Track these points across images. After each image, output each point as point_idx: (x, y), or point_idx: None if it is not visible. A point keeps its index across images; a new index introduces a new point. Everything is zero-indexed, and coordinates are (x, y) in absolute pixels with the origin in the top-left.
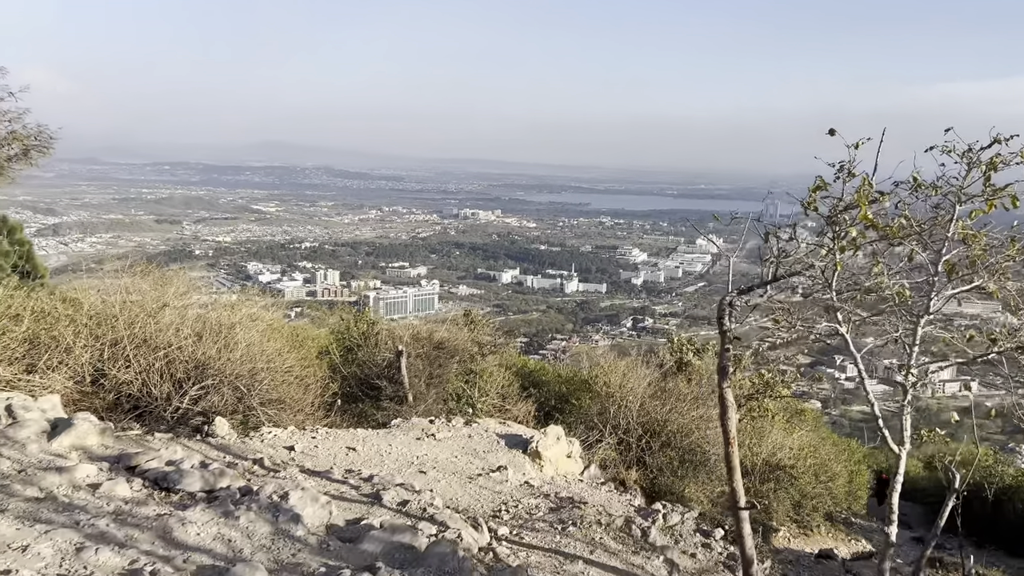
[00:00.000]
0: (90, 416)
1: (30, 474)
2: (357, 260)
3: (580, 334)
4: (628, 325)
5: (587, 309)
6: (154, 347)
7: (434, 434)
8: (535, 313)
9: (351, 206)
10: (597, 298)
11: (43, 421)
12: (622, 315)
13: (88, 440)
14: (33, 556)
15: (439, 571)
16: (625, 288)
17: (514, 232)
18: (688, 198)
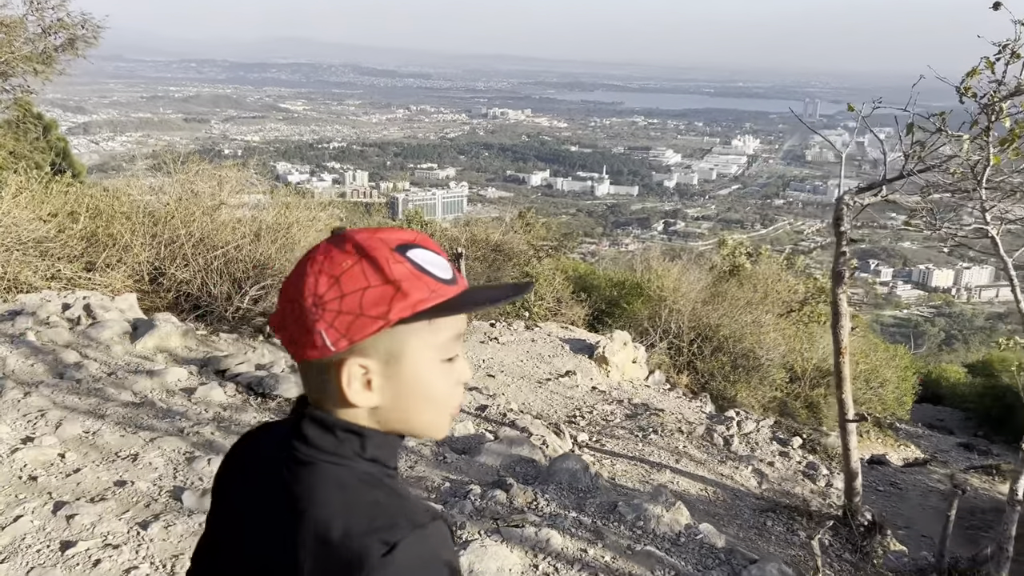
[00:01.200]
0: (171, 317)
1: (120, 377)
2: (386, 161)
3: (610, 237)
4: (659, 228)
5: (617, 212)
6: (211, 246)
7: (497, 338)
8: (564, 216)
9: (378, 105)
10: (628, 201)
11: (123, 322)
12: (653, 218)
13: (171, 342)
14: (145, 466)
15: (571, 488)
16: (657, 191)
17: (544, 132)
18: (725, 96)
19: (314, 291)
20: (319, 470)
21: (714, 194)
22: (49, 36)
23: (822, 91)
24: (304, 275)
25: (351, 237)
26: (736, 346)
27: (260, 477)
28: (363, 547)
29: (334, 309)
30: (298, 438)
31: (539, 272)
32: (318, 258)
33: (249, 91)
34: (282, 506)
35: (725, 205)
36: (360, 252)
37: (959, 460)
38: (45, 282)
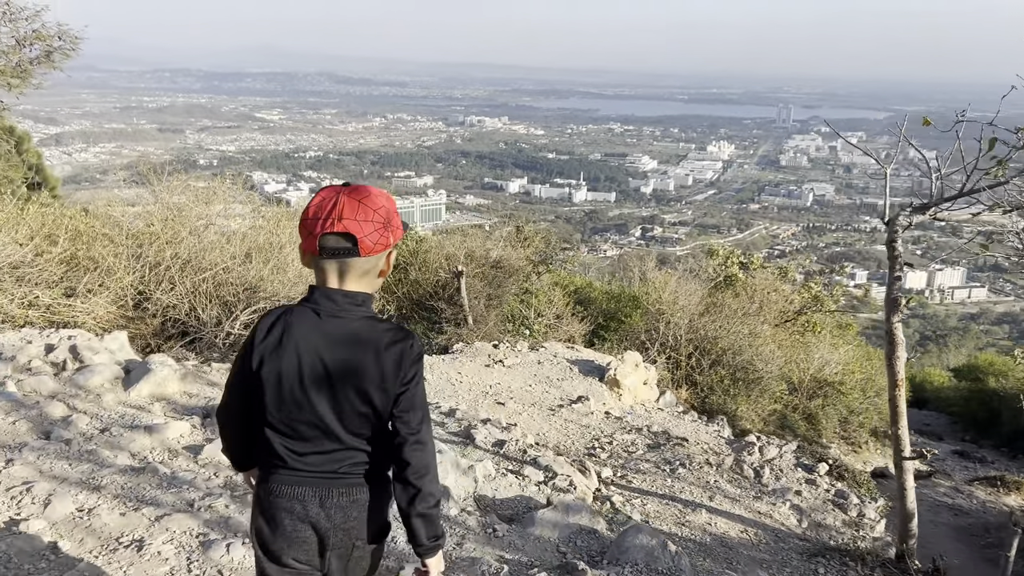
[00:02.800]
0: (167, 359)
1: (115, 435)
2: (363, 169)
3: (588, 244)
4: (637, 234)
5: (595, 219)
6: (199, 268)
7: (502, 360)
8: (543, 223)
9: (355, 114)
10: (606, 207)
11: (114, 365)
12: (631, 224)
13: (168, 387)
14: (153, 557)
15: (650, 569)
16: (634, 197)
17: (521, 140)
18: (699, 103)
19: (384, 214)
20: (367, 317)
21: (690, 199)
22: (24, 48)
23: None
24: (376, 205)
25: (374, 190)
26: (735, 359)
27: (323, 333)
28: (406, 333)
29: (393, 224)
30: (349, 304)
31: (538, 289)
32: (373, 196)
33: (224, 100)
34: (358, 337)
35: (701, 210)
36: (385, 198)
37: (957, 469)
38: (22, 310)
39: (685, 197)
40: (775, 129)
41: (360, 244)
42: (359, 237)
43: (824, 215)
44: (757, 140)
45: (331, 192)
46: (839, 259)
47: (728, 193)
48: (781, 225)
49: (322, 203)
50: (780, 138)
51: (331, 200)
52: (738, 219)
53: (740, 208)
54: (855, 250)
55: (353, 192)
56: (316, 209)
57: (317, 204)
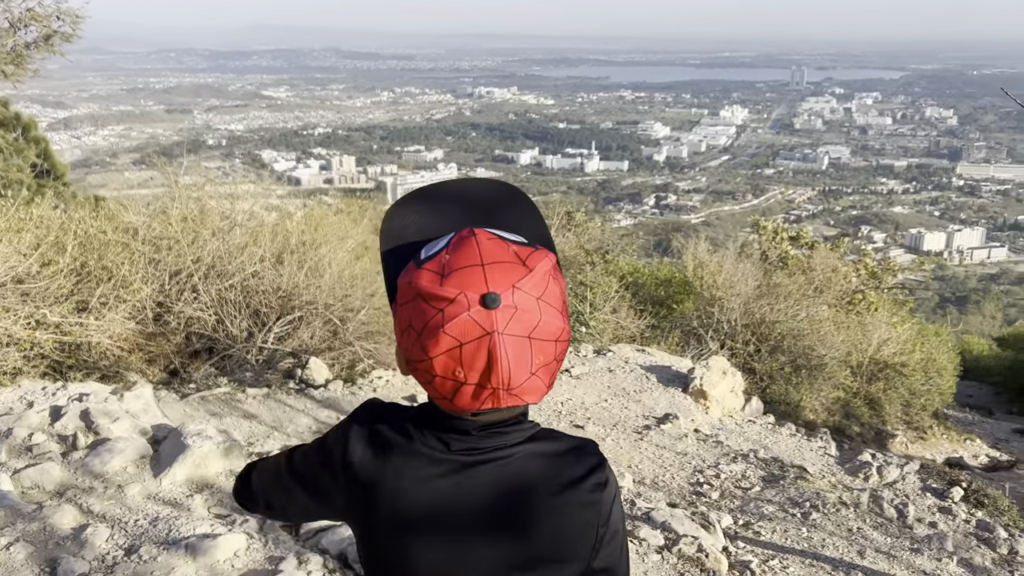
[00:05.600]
0: (205, 427)
1: (146, 560)
2: (372, 145)
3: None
4: (651, 203)
5: (608, 188)
6: (225, 274)
7: (568, 370)
8: (555, 194)
9: (362, 88)
10: (618, 176)
11: (138, 436)
12: (644, 193)
13: (210, 467)
14: None
15: None
16: (647, 165)
17: (531, 110)
18: (711, 67)
19: (564, 341)
20: (525, 441)
21: (704, 166)
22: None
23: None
24: (553, 331)
25: (537, 273)
26: (795, 344)
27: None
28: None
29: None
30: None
31: (594, 281)
32: (546, 318)
33: (231, 79)
34: (517, 481)
35: (715, 177)
36: (557, 297)
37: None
38: (28, 331)
39: (699, 164)
40: (789, 92)
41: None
42: (534, 402)
43: (840, 178)
44: (771, 103)
45: (477, 320)
46: (856, 223)
47: (742, 158)
48: (796, 189)
49: (466, 349)
50: (794, 101)
51: (479, 338)
52: (753, 184)
53: (755, 173)
54: (872, 213)
55: (515, 317)
56: (453, 358)
57: (454, 344)
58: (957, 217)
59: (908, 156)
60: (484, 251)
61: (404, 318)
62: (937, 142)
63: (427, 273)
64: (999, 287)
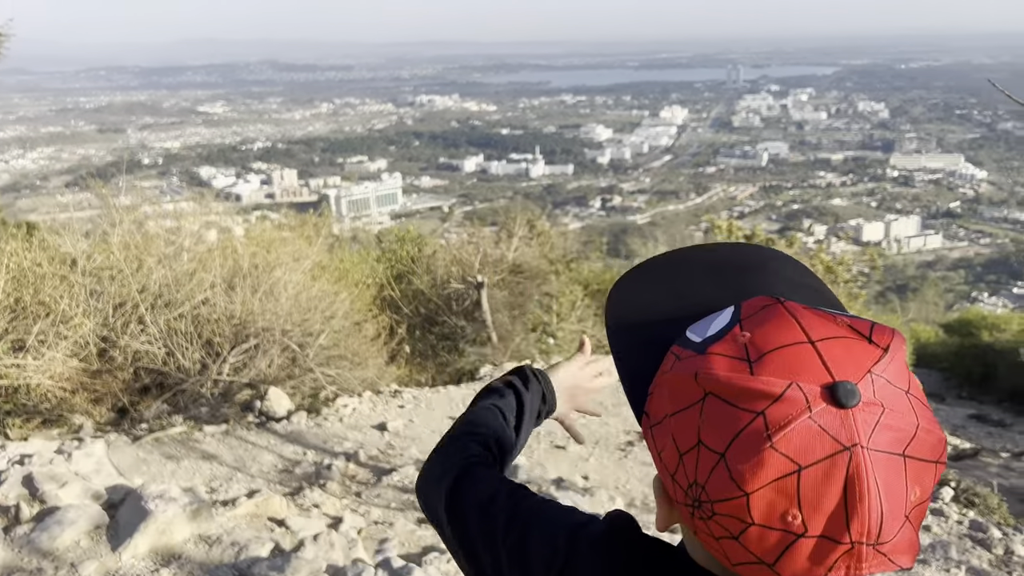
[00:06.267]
0: (169, 487)
1: None
2: (313, 157)
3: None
4: (597, 205)
5: (554, 192)
6: (174, 303)
7: None
8: (502, 200)
9: (301, 101)
10: (564, 180)
11: (91, 502)
12: (590, 195)
13: (176, 533)
14: None
15: None
16: (591, 168)
17: (474, 117)
18: (650, 69)
19: (937, 471)
20: None
21: (647, 167)
22: None
23: (744, 56)
24: (933, 448)
25: (897, 352)
26: None
27: None
28: None
29: None
30: None
31: (559, 291)
32: (924, 434)
33: (164, 96)
34: None
35: (659, 177)
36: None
37: (982, 437)
38: None
39: (642, 165)
40: (726, 91)
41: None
42: (905, 566)
43: (780, 173)
44: (709, 102)
45: (825, 427)
46: (798, 216)
47: (684, 158)
48: (738, 186)
49: (808, 476)
50: (732, 99)
51: (831, 457)
52: (696, 183)
53: (697, 172)
54: (812, 206)
55: (883, 421)
56: (785, 493)
57: (788, 469)
58: (893, 207)
59: (844, 149)
60: (806, 323)
61: (684, 432)
62: (871, 135)
63: (722, 359)
64: (936, 273)
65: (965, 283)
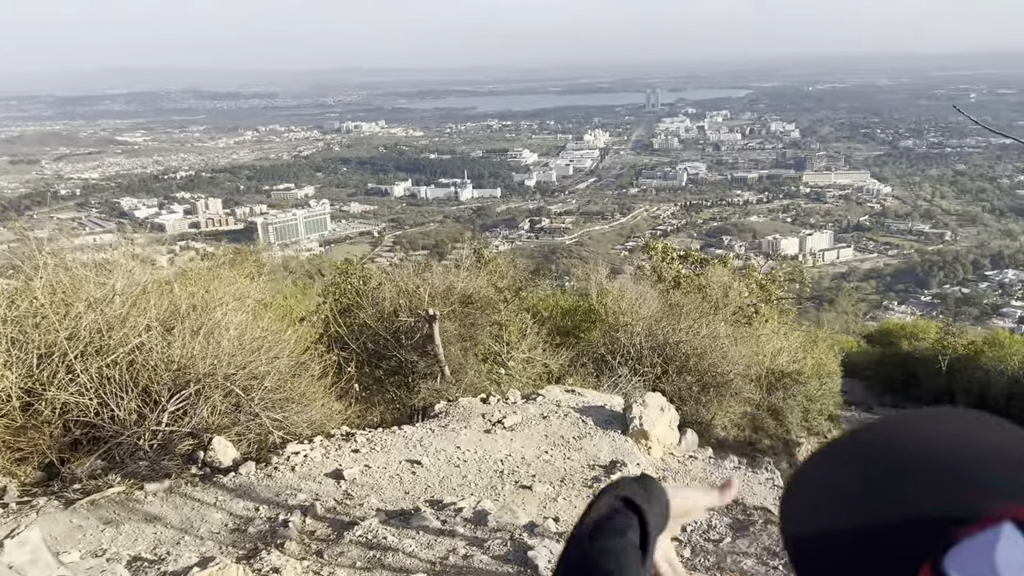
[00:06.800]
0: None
1: None
2: (239, 185)
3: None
4: (526, 228)
5: (484, 215)
6: (106, 350)
7: (501, 420)
8: (432, 224)
9: (224, 129)
10: (493, 203)
11: None
12: (519, 218)
13: None
14: None
15: None
16: (519, 191)
17: (401, 142)
18: (573, 94)
19: None
20: None
21: (573, 189)
22: None
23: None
24: None
25: None
26: (700, 363)
27: None
28: None
29: None
30: None
31: (508, 319)
32: None
33: (81, 126)
34: None
35: (585, 199)
36: None
37: None
38: None
39: (568, 187)
40: (646, 114)
41: None
42: None
43: (699, 192)
44: (630, 125)
45: None
46: (718, 233)
47: (608, 179)
48: (660, 206)
49: None
50: (651, 122)
51: None
52: (620, 204)
53: (621, 193)
54: (731, 223)
55: None
56: None
57: None
58: (807, 222)
59: (759, 168)
60: None
61: None
62: (783, 154)
63: None
64: (850, 284)
65: (876, 293)
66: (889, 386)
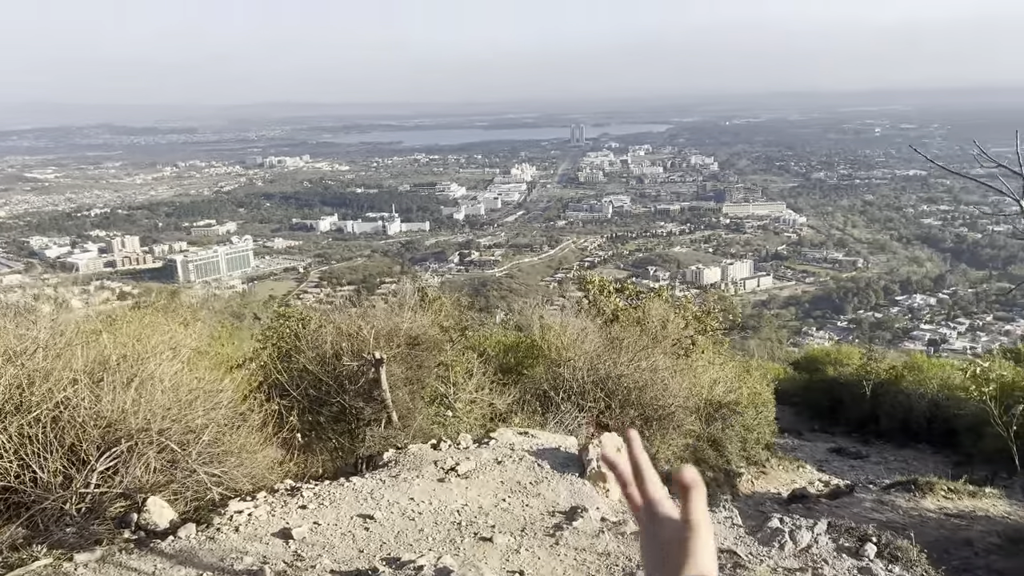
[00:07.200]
0: None
1: None
2: (157, 222)
3: (409, 274)
4: (456, 261)
5: (412, 249)
6: (26, 407)
7: (455, 467)
8: (360, 259)
9: (142, 165)
10: (422, 236)
11: None
12: (448, 251)
13: None
14: None
15: None
16: (448, 224)
17: (327, 177)
18: (499, 128)
19: None
20: None
21: (501, 222)
22: None
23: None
24: None
25: None
26: (642, 396)
27: None
28: None
29: None
30: None
31: (454, 360)
32: None
33: None
34: None
35: (513, 231)
36: None
37: (845, 470)
38: None
39: (496, 220)
40: (571, 148)
41: None
42: None
43: (624, 224)
44: (556, 160)
45: None
46: (643, 264)
47: (536, 212)
48: (588, 238)
49: None
50: (576, 156)
51: None
52: (548, 236)
53: (549, 225)
54: (656, 254)
55: None
56: None
57: None
58: (728, 252)
59: (680, 200)
60: None
61: None
62: (703, 186)
63: None
64: (770, 311)
65: (796, 319)
66: (817, 412)
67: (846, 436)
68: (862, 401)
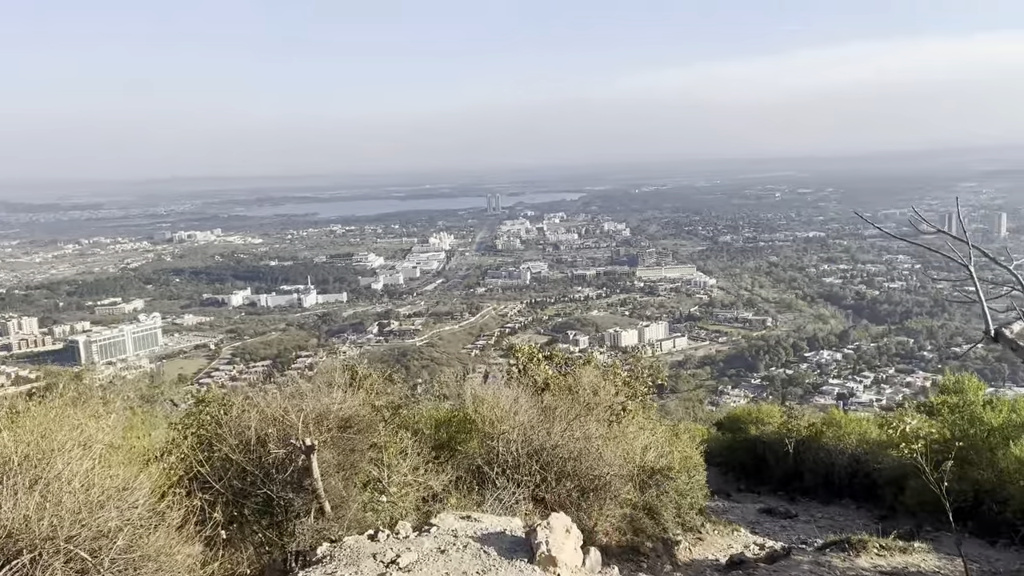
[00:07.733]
0: None
1: None
2: (58, 302)
3: (326, 347)
4: (375, 331)
5: (329, 321)
6: None
7: (395, 561)
8: (274, 333)
9: (41, 243)
10: (339, 308)
11: None
12: (367, 322)
13: None
14: None
15: None
16: (366, 294)
17: (239, 250)
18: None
19: None
20: None
21: (421, 290)
22: None
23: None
24: None
25: None
26: (578, 466)
27: None
28: None
29: None
30: None
31: (387, 440)
32: None
33: None
34: None
35: (433, 299)
36: None
37: (777, 531)
38: None
39: (416, 289)
40: (488, 217)
41: None
42: None
43: (542, 290)
44: (473, 228)
45: None
46: (563, 328)
47: (455, 280)
48: (507, 304)
49: None
50: (493, 225)
51: None
52: (468, 303)
53: (468, 293)
54: (574, 318)
55: None
56: None
57: None
58: (644, 314)
59: (596, 265)
60: None
61: None
62: (617, 251)
63: None
64: (687, 371)
65: (712, 378)
66: (743, 471)
67: (772, 495)
68: (785, 459)
